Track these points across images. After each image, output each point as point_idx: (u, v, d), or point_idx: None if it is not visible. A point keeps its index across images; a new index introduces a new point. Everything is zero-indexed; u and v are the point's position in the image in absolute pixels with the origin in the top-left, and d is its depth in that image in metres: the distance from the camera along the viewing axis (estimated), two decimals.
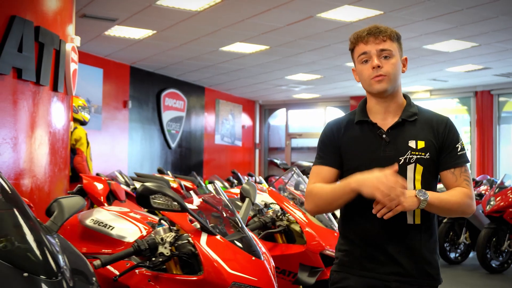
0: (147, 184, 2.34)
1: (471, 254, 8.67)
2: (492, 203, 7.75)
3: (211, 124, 15.32)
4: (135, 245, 2.37)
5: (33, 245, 1.81)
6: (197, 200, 2.64)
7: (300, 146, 18.04)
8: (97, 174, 7.47)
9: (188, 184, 7.62)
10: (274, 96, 16.79)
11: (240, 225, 2.54)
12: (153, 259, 2.36)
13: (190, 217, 2.52)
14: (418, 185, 2.21)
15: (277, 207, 3.63)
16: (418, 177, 2.21)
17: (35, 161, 5.06)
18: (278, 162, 15.95)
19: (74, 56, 5.87)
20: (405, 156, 2.21)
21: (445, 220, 8.36)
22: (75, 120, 6.89)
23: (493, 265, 7.75)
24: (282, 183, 4.05)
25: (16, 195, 1.95)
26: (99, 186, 4.70)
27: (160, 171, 8.88)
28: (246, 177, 12.03)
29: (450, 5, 7.51)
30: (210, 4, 7.61)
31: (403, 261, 2.20)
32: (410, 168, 2.21)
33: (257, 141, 17.88)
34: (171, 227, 2.51)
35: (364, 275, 2.23)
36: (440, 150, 2.26)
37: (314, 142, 17.60)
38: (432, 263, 2.25)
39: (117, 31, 9.12)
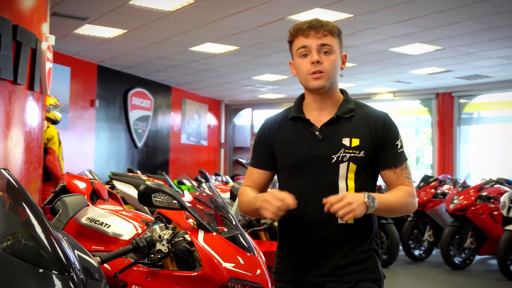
0: (149, 183, 2.42)
1: (435, 251, 8.93)
2: (455, 201, 8.02)
3: (178, 124, 15.33)
4: (134, 243, 2.44)
5: (46, 242, 1.87)
6: (188, 198, 2.71)
7: None
8: (67, 173, 7.44)
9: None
10: (240, 96, 16.89)
11: (234, 223, 2.63)
12: (152, 256, 2.43)
13: (186, 214, 2.60)
14: (351, 183, 2.15)
15: None
16: (351, 175, 2.15)
17: (12, 160, 5.05)
18: (243, 161, 16.08)
19: (49, 55, 5.85)
20: (337, 154, 2.14)
21: (409, 219, 8.60)
22: (47, 119, 6.84)
23: (456, 261, 8.02)
24: None
25: (25, 192, 1.99)
26: (82, 185, 4.72)
27: (129, 171, 8.89)
28: (213, 177, 12.11)
29: (418, 10, 7.73)
30: (183, 4, 7.66)
31: (337, 262, 2.15)
32: (342, 166, 2.14)
33: (223, 140, 17.95)
34: (167, 225, 2.58)
35: (298, 279, 2.18)
36: (378, 148, 2.18)
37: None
38: (368, 259, 2.18)
39: (88, 30, 9.08)
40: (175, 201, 2.46)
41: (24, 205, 1.94)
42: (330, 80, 2.16)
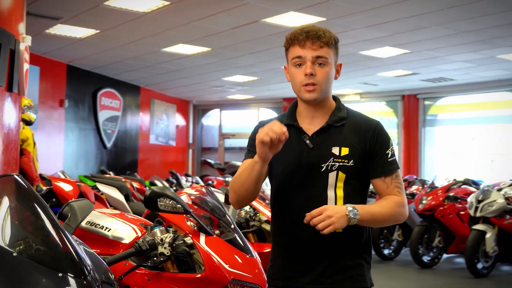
0: (154, 188, 2.47)
1: (403, 250, 9.15)
2: (424, 202, 8.24)
3: (146, 124, 15.28)
4: (137, 246, 2.49)
5: (62, 246, 1.91)
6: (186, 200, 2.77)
7: (233, 146, 18.25)
8: (40, 175, 7.39)
9: (136, 185, 7.66)
10: (208, 96, 16.92)
11: (233, 226, 2.70)
12: (155, 258, 2.49)
13: (186, 218, 2.66)
14: (340, 192, 2.16)
15: (247, 208, 3.81)
16: (340, 184, 2.16)
17: None
18: (212, 162, 16.14)
19: (27, 56, 5.81)
20: (327, 163, 2.16)
21: None
22: (22, 120, 6.78)
23: (425, 260, 8.23)
24: None
25: (37, 197, 2.03)
26: (69, 187, 4.71)
27: (102, 172, 8.84)
28: (183, 178, 12.11)
29: (389, 15, 7.92)
30: (159, 6, 7.68)
31: (323, 270, 2.16)
32: (331, 175, 2.15)
33: (191, 141, 17.94)
34: (168, 228, 2.64)
35: (286, 285, 2.20)
36: (368, 157, 2.19)
37: (247, 143, 17.89)
38: (355, 267, 2.20)
39: (60, 29, 9.00)
40: (179, 205, 2.52)
41: (38, 209, 1.97)
42: (322, 93, 2.18)
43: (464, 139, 15.32)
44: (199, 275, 2.48)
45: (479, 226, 7.43)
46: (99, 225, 2.68)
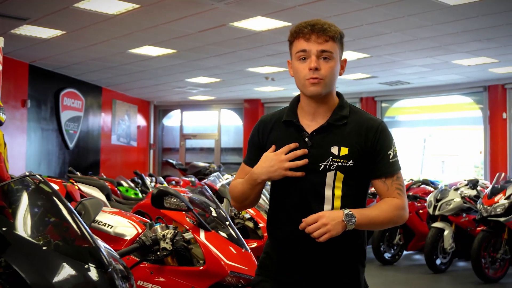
0: (160, 187, 2.64)
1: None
2: None
3: (108, 124, 15.26)
4: (140, 241, 2.65)
5: (86, 241, 2.07)
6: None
7: (194, 146, 18.37)
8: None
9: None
10: (170, 97, 16.99)
11: (228, 222, 2.89)
12: (158, 253, 2.66)
13: (186, 215, 2.84)
14: (338, 192, 2.13)
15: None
16: (339, 184, 2.12)
17: None
18: (174, 162, 16.21)
19: (1, 58, 5.84)
20: (325, 163, 2.11)
21: None
22: None
23: (386, 257, 8.56)
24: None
25: (59, 195, 2.18)
26: (55, 187, 4.77)
27: (70, 172, 8.86)
28: (148, 178, 12.16)
29: (352, 21, 8.22)
30: (128, 9, 7.77)
31: (317, 270, 2.15)
32: (329, 175, 2.11)
33: (152, 141, 17.97)
34: (168, 225, 2.81)
35: (280, 280, 2.18)
36: (369, 157, 2.15)
37: (208, 143, 18.06)
38: (349, 270, 2.18)
39: (25, 30, 8.97)
40: (183, 203, 2.69)
41: (63, 208, 2.12)
42: (327, 87, 2.13)
43: (418, 140, 15.89)
44: (201, 268, 2.66)
45: (438, 224, 7.78)
46: (101, 222, 2.82)
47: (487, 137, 13.41)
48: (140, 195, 9.96)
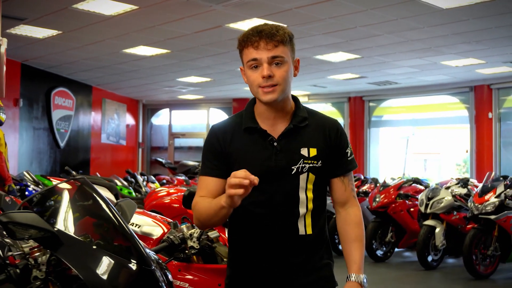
0: (191, 189, 2.76)
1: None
2: (377, 199, 8.74)
3: (98, 123, 15.29)
4: (169, 240, 2.77)
5: (132, 240, 2.19)
6: None
7: (182, 145, 18.45)
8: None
9: None
10: (158, 96, 17.05)
11: None
12: (186, 251, 2.78)
13: None
14: (310, 194, 2.13)
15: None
16: (310, 186, 2.12)
17: None
18: (163, 161, 16.30)
19: (4, 59, 5.92)
20: (297, 166, 2.10)
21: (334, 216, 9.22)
22: None
23: (378, 254, 8.74)
24: None
25: (107, 200, 2.29)
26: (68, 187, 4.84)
27: (67, 172, 8.91)
28: (140, 177, 12.24)
29: (346, 23, 8.39)
30: (126, 10, 7.85)
31: (295, 272, 2.14)
32: (302, 177, 2.10)
33: (140, 140, 18.02)
34: (193, 225, 2.93)
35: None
36: (332, 156, 2.16)
37: (196, 142, 18.13)
38: (325, 267, 2.20)
39: (21, 30, 9.01)
40: None
41: (104, 207, 2.24)
42: (282, 92, 2.09)
43: (403, 139, 16.19)
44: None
45: (429, 222, 7.98)
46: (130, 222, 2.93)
47: (473, 136, 13.68)
48: (134, 194, 10.04)
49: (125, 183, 10.55)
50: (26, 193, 7.36)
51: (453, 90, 14.03)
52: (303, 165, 2.10)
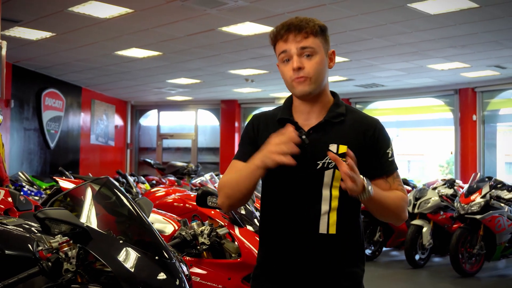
0: (204, 188, 2.92)
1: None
2: None
3: (87, 124, 15.36)
4: (181, 237, 2.92)
5: (154, 236, 2.35)
6: None
7: (170, 146, 18.55)
8: None
9: None
10: (147, 97, 17.13)
11: (258, 219, 3.18)
12: (198, 247, 2.93)
13: (222, 214, 3.13)
14: (336, 192, 2.04)
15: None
16: (336, 184, 2.03)
17: None
18: (152, 162, 16.38)
19: (4, 61, 6.02)
20: (323, 161, 2.03)
21: None
22: None
23: (367, 253, 8.94)
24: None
25: (127, 196, 2.45)
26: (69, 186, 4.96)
27: (61, 173, 9.00)
28: (131, 178, 12.33)
29: (337, 27, 8.55)
30: (121, 13, 7.97)
31: (315, 274, 2.07)
32: (328, 173, 2.03)
33: (129, 141, 18.09)
34: (203, 222, 3.09)
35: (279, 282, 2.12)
36: (368, 156, 2.07)
37: (184, 143, 18.25)
38: (350, 276, 2.10)
39: (15, 31, 9.08)
40: None
41: (128, 205, 2.39)
42: (315, 84, 2.06)
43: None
44: (239, 260, 2.95)
45: (417, 222, 8.19)
46: None
47: (458, 138, 13.96)
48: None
49: (117, 183, 10.63)
50: (21, 193, 7.44)
51: (438, 92, 14.31)
52: (330, 161, 2.02)
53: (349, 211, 2.09)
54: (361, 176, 1.91)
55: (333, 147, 2.05)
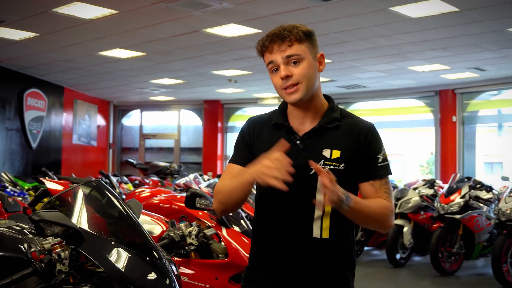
0: (192, 189, 2.98)
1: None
2: None
3: (69, 124, 15.30)
4: (170, 237, 2.98)
5: (144, 238, 2.40)
6: None
7: (153, 146, 18.54)
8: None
9: None
10: (130, 97, 17.10)
11: (244, 220, 3.26)
12: (186, 248, 3.00)
13: (210, 215, 3.19)
14: None
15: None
16: None
17: None
18: (134, 162, 16.38)
19: None
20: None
21: None
22: None
23: None
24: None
25: (121, 200, 2.50)
26: (61, 188, 4.97)
27: (44, 173, 8.99)
28: (113, 178, 12.32)
29: (320, 29, 8.57)
30: (106, 14, 7.98)
31: (306, 277, 2.09)
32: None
33: (111, 141, 18.04)
34: (191, 223, 3.15)
35: (269, 282, 2.14)
36: (360, 160, 2.08)
37: (167, 143, 18.25)
38: (341, 280, 2.13)
39: None
40: (211, 204, 3.05)
41: (119, 207, 2.45)
42: (306, 90, 2.07)
43: None
44: (226, 260, 3.02)
45: (398, 221, 8.33)
46: None
47: (438, 138, 14.16)
48: None
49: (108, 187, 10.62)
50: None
51: (419, 94, 14.50)
52: (323, 166, 2.03)
53: (342, 216, 2.05)
54: (342, 189, 1.92)
55: (326, 152, 2.08)
